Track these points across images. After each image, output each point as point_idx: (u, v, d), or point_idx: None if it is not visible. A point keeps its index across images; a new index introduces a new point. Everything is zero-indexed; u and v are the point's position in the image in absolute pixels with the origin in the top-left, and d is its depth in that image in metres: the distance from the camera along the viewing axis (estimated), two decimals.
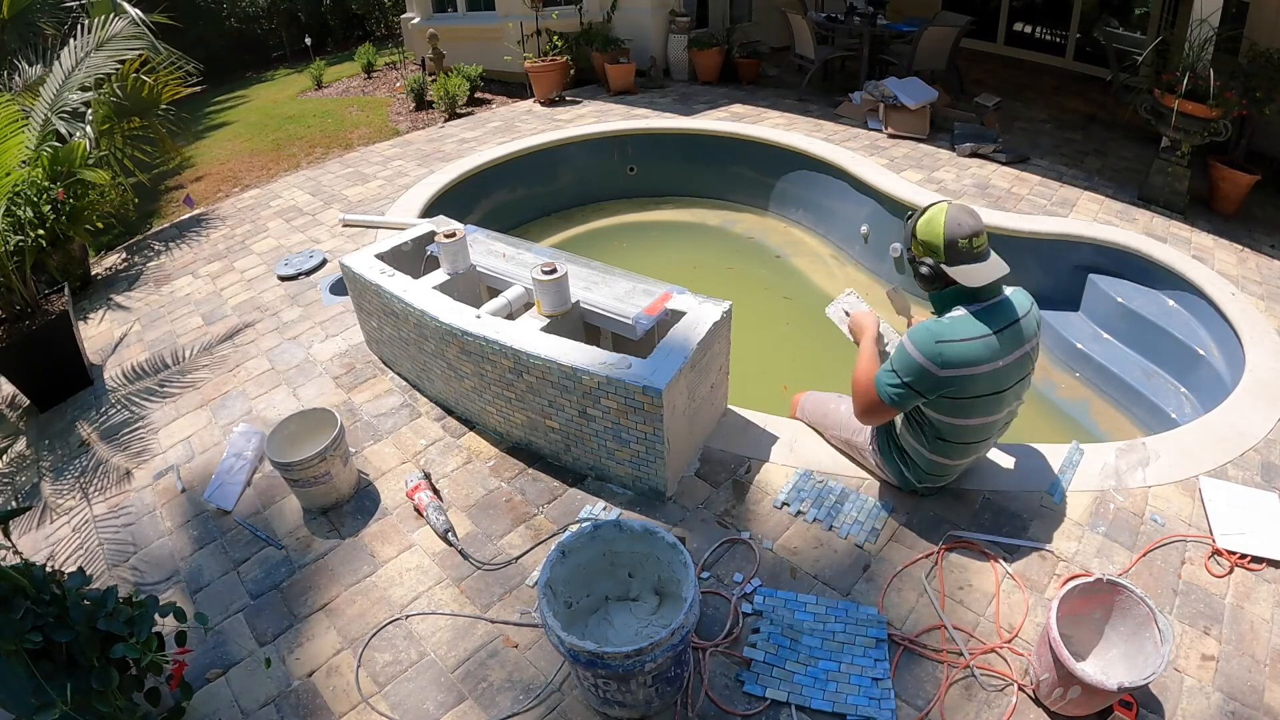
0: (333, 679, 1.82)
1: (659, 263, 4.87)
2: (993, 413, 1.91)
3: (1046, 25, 8.22)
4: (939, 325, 1.82)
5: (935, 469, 2.08)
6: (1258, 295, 3.32)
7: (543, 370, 2.18)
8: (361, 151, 6.08)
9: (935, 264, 1.85)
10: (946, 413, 1.91)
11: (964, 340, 1.79)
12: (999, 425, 2.00)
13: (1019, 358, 1.86)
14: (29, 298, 3.19)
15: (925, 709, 1.65)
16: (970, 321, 1.82)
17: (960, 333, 1.80)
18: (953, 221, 1.81)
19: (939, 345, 1.78)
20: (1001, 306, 1.87)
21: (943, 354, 1.78)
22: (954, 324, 1.82)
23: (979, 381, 1.82)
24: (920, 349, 1.80)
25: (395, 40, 12.23)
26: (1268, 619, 1.83)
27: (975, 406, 1.87)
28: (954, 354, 1.78)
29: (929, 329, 1.82)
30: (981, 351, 1.79)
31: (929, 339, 1.80)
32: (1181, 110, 3.91)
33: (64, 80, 3.73)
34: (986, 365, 1.80)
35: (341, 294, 3.62)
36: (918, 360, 1.80)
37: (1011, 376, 1.87)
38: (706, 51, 7.14)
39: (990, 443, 2.08)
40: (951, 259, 1.82)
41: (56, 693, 1.39)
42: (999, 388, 1.85)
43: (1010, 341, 1.83)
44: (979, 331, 1.80)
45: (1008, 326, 1.83)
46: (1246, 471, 2.30)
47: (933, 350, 1.79)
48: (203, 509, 2.42)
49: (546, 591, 1.59)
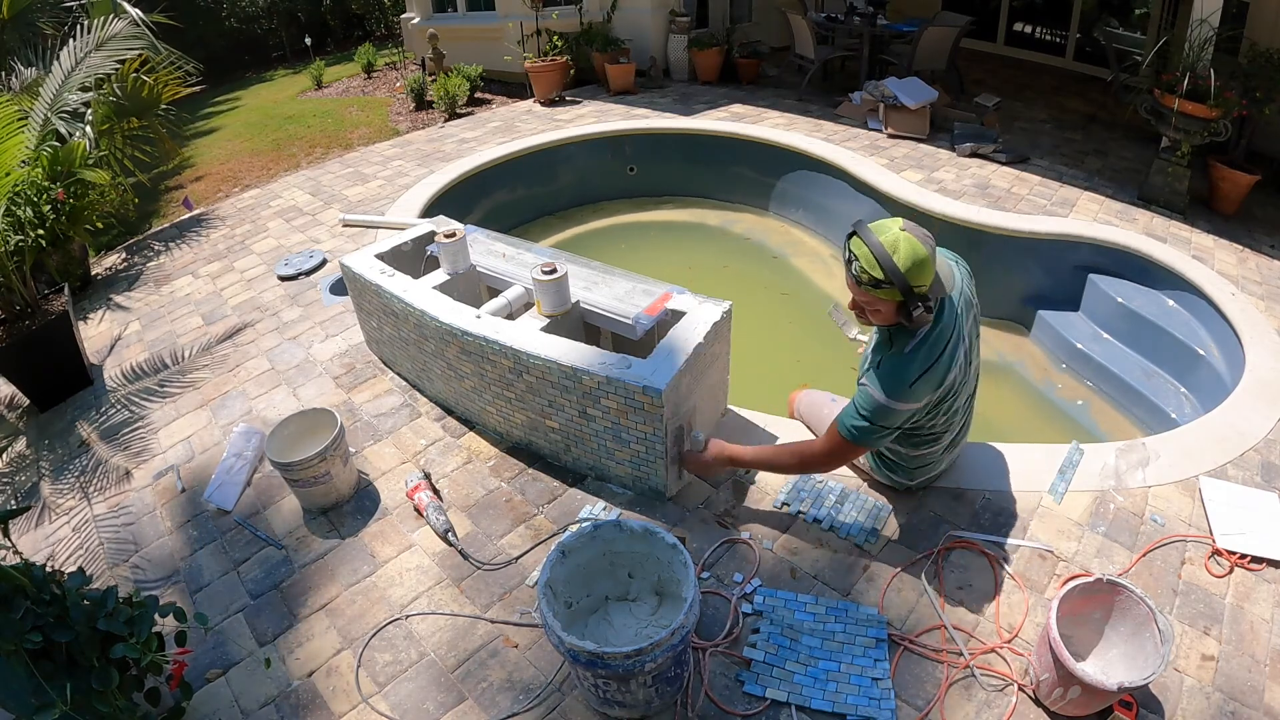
0: (333, 679, 1.82)
1: (659, 263, 4.87)
2: (958, 397, 1.91)
3: (1046, 25, 8.22)
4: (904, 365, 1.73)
5: (920, 462, 2.08)
6: (1258, 295, 3.32)
7: (543, 370, 2.18)
8: (361, 151, 6.08)
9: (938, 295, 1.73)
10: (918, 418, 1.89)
11: (929, 367, 1.73)
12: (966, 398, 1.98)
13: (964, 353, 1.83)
14: (29, 298, 3.19)
15: (925, 709, 1.65)
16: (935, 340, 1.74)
17: (927, 359, 1.73)
18: (922, 237, 1.66)
19: (914, 386, 1.73)
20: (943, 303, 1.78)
21: (917, 389, 1.74)
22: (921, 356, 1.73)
23: (948, 388, 1.81)
24: (894, 396, 1.74)
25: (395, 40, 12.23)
26: (1268, 619, 1.83)
27: (941, 403, 1.86)
28: (929, 382, 1.74)
29: (895, 374, 1.73)
30: (945, 363, 1.75)
31: (900, 385, 1.73)
32: (1181, 110, 3.91)
33: (64, 80, 3.73)
34: (947, 378, 1.78)
35: (341, 294, 3.62)
36: (893, 407, 1.75)
37: (967, 360, 1.87)
38: (706, 51, 7.14)
39: (967, 416, 2.06)
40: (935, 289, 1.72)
41: (56, 693, 1.39)
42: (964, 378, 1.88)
43: (958, 332, 1.78)
44: (939, 347, 1.74)
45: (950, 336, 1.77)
46: (1246, 471, 2.30)
47: (906, 392, 1.73)
48: (203, 509, 2.42)
49: (546, 591, 1.59)
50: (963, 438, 2.16)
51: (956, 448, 2.15)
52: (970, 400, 2.04)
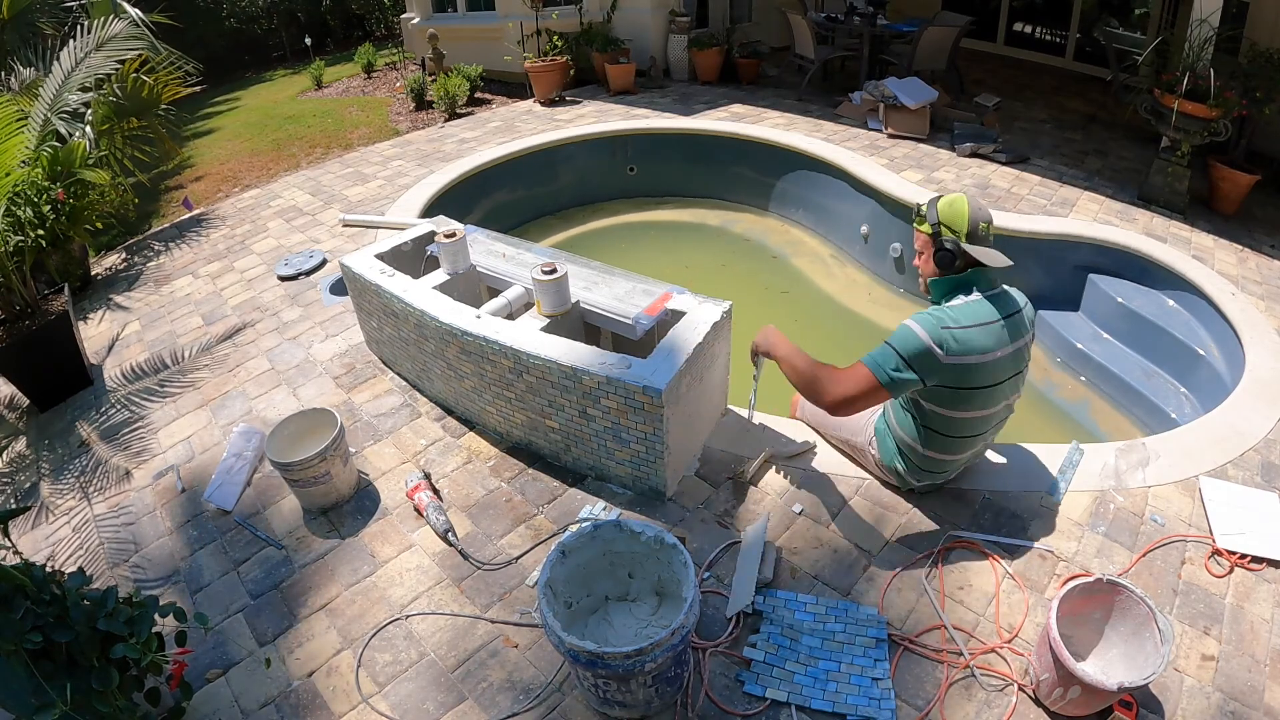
0: (333, 679, 1.82)
1: (659, 263, 4.87)
2: (988, 406, 1.91)
3: (1046, 25, 8.22)
4: (945, 311, 1.84)
5: (931, 465, 2.07)
6: (1258, 295, 3.32)
7: (543, 370, 2.18)
8: (361, 151, 6.08)
9: (956, 241, 1.88)
10: (942, 404, 1.90)
11: (970, 326, 1.81)
12: (994, 421, 2.00)
13: (1016, 350, 1.87)
14: (29, 298, 3.19)
15: (925, 709, 1.65)
16: (979, 305, 1.85)
17: (967, 318, 1.82)
18: (975, 206, 1.90)
19: (945, 331, 1.79)
20: (1004, 297, 1.91)
21: (948, 340, 1.78)
22: (961, 310, 1.84)
23: (978, 372, 1.82)
24: (928, 331, 1.80)
25: (395, 40, 12.23)
26: (1268, 619, 1.83)
27: (972, 398, 1.87)
28: (960, 340, 1.79)
29: (935, 315, 1.83)
30: (985, 339, 1.81)
31: (935, 324, 1.80)
32: (1181, 110, 3.91)
33: (64, 80, 3.73)
34: (988, 355, 1.81)
35: (341, 294, 3.62)
36: (924, 342, 1.79)
37: (1008, 369, 1.88)
38: (706, 51, 7.14)
39: (985, 440, 2.07)
40: (971, 239, 1.88)
41: (56, 693, 1.39)
42: (996, 379, 1.86)
43: (1012, 331, 1.86)
44: (987, 317, 1.83)
45: (1010, 316, 1.87)
46: (1246, 471, 2.30)
47: (940, 335, 1.79)
48: (203, 509, 2.42)
49: (546, 591, 1.59)
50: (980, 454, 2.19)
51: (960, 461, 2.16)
52: (999, 426, 2.05)
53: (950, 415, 1.92)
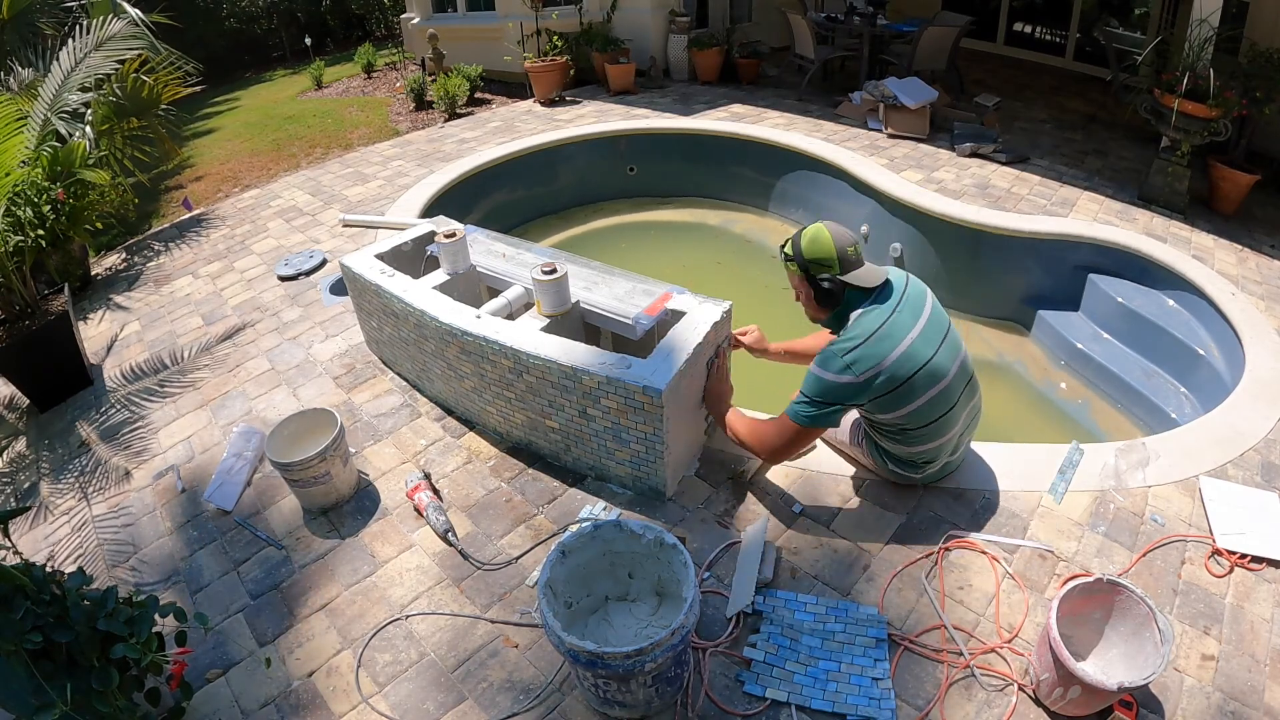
0: (333, 679, 1.82)
1: (659, 262, 4.88)
2: (934, 385, 1.91)
3: (1046, 25, 8.22)
4: (838, 343, 1.91)
5: (921, 457, 2.08)
6: (1258, 295, 3.32)
7: (543, 370, 2.18)
8: (361, 151, 6.08)
9: (833, 276, 1.93)
10: (892, 407, 1.92)
11: (865, 340, 1.86)
12: (957, 392, 1.98)
13: (927, 322, 1.93)
14: (29, 298, 3.19)
15: (925, 709, 1.65)
16: (865, 317, 1.91)
17: (859, 335, 1.88)
18: (836, 232, 1.94)
19: (844, 359, 1.86)
20: (888, 288, 1.96)
21: (852, 365, 1.85)
22: (850, 333, 1.90)
23: (901, 366, 1.85)
24: (830, 370, 1.88)
25: (395, 40, 12.23)
26: (1268, 619, 1.83)
27: (913, 389, 1.89)
28: (862, 357, 1.85)
29: (831, 352, 1.90)
30: (886, 342, 1.86)
31: (834, 358, 1.88)
32: (1181, 110, 3.91)
33: (63, 80, 3.73)
34: (899, 348, 1.86)
35: (341, 294, 3.62)
36: (831, 379, 1.88)
37: (932, 343, 1.91)
38: (706, 51, 7.14)
39: (964, 412, 2.05)
40: (844, 268, 1.92)
41: (56, 693, 1.39)
42: (924, 359, 1.88)
43: (911, 312, 1.92)
44: (877, 322, 1.88)
45: (901, 299, 1.93)
46: (1246, 471, 2.30)
47: (840, 364, 1.87)
48: (202, 509, 2.42)
49: (546, 591, 1.59)
50: (967, 439, 2.18)
51: (959, 450, 2.16)
52: (969, 397, 2.05)
53: (905, 412, 1.93)
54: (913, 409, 1.93)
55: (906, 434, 2.02)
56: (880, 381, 1.86)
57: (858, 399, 1.91)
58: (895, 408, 1.93)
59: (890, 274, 2.00)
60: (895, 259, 4.37)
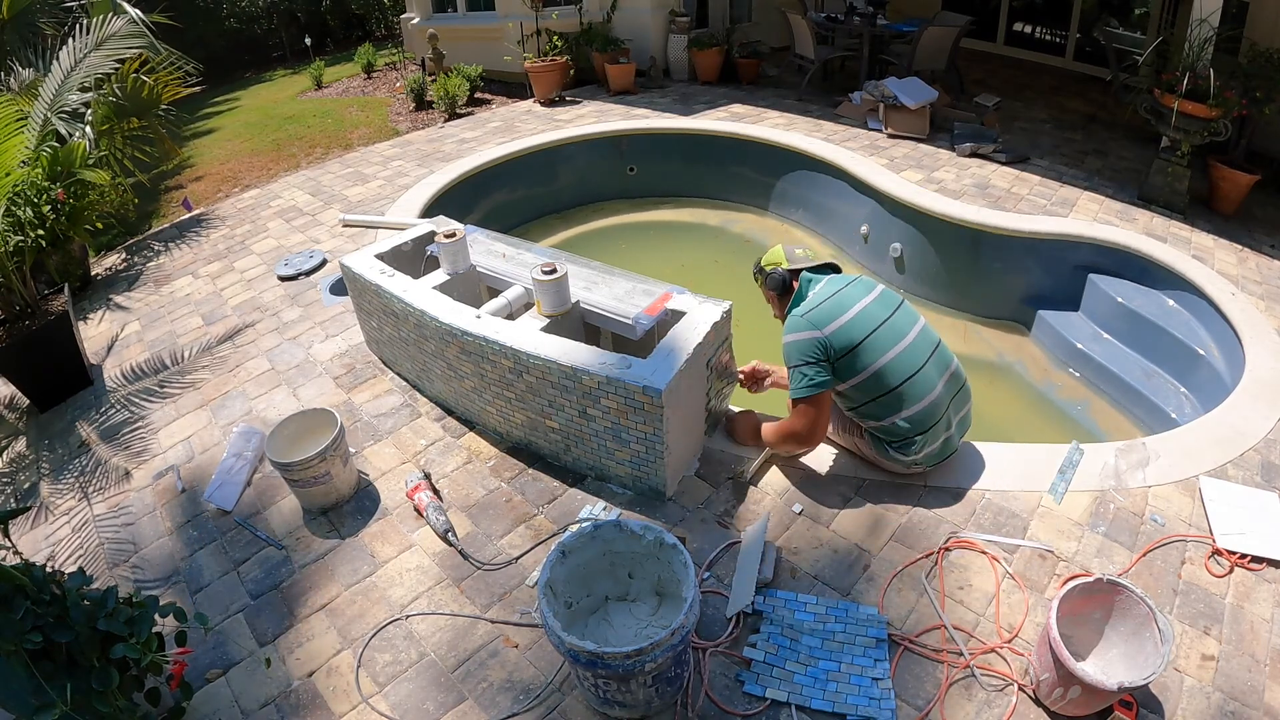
0: (333, 679, 1.82)
1: (659, 262, 4.88)
2: (897, 342, 2.06)
3: (1046, 25, 8.22)
4: (797, 306, 2.14)
5: (905, 432, 2.09)
6: (1258, 295, 3.32)
7: (543, 370, 2.18)
8: (361, 151, 6.08)
9: (783, 270, 2.27)
10: (851, 373, 2.05)
11: (825, 300, 2.09)
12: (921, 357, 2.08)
13: (880, 294, 2.14)
14: (29, 298, 3.19)
15: (925, 709, 1.65)
16: (818, 285, 2.17)
17: (817, 298, 2.11)
18: (786, 246, 2.34)
19: (805, 317, 2.07)
20: (838, 271, 2.28)
21: (813, 320, 2.06)
22: (807, 297, 2.15)
23: (859, 321, 2.05)
24: (797, 330, 2.08)
25: (395, 40, 12.23)
26: (1268, 619, 1.83)
27: (875, 344, 2.03)
28: (823, 313, 2.06)
29: (791, 317, 2.12)
30: (843, 301, 2.09)
31: (796, 320, 2.09)
32: (1181, 110, 3.91)
33: (63, 80, 3.73)
34: (856, 306, 2.08)
35: (341, 294, 3.62)
36: (802, 339, 2.06)
37: (887, 307, 2.12)
38: (706, 51, 7.14)
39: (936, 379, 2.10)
40: (791, 263, 2.29)
41: (56, 693, 1.39)
42: (880, 318, 2.08)
43: (863, 286, 2.16)
44: (833, 289, 2.13)
45: (853, 280, 2.18)
46: (1246, 471, 2.30)
47: (803, 324, 2.07)
48: (203, 509, 2.42)
49: (546, 592, 1.59)
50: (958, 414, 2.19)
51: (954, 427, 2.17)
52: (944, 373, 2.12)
53: (869, 372, 2.04)
54: (879, 366, 2.03)
55: (879, 402, 2.08)
56: (841, 334, 2.03)
57: (829, 355, 2.04)
58: (856, 369, 2.04)
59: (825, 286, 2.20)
60: (895, 258, 4.37)
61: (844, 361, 2.04)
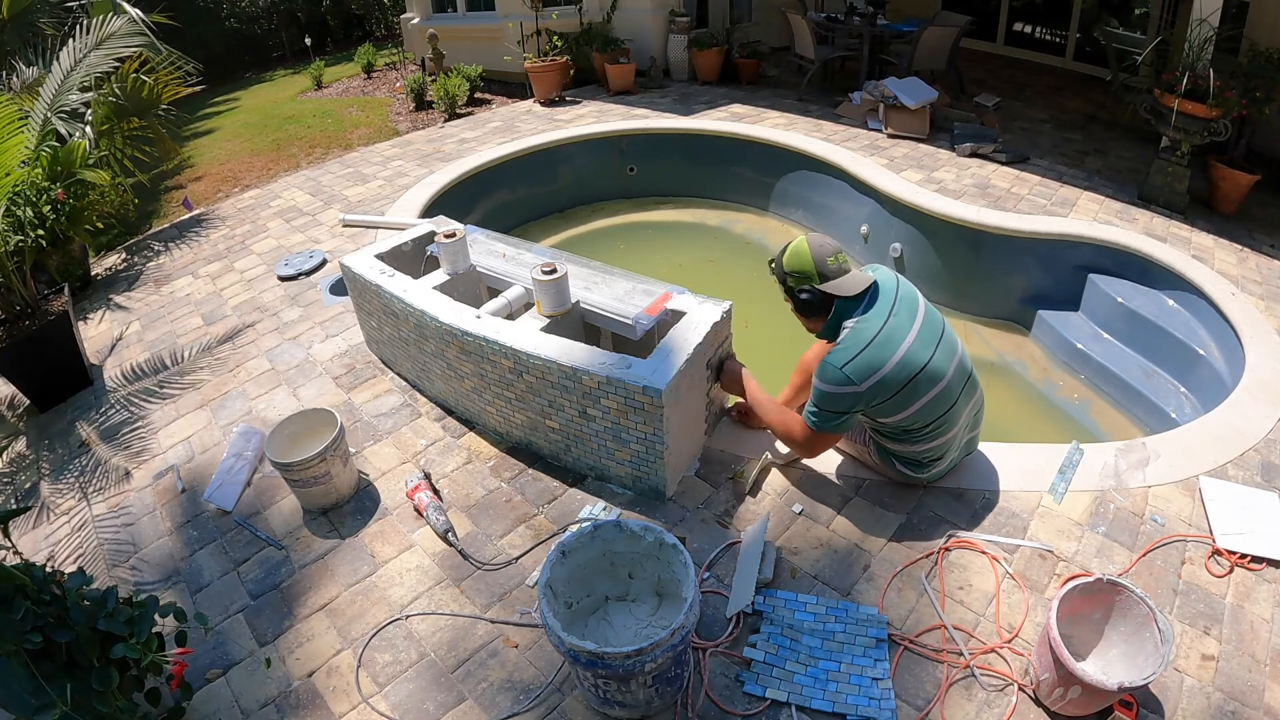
0: (333, 679, 1.82)
1: (659, 262, 4.87)
2: (934, 385, 1.92)
3: (1046, 25, 8.22)
4: (835, 353, 1.90)
5: (927, 455, 2.09)
6: (1258, 295, 3.32)
7: (543, 370, 2.18)
8: (361, 152, 6.08)
9: (813, 288, 1.95)
10: (893, 412, 1.94)
11: (864, 349, 1.86)
12: (957, 390, 1.98)
13: (921, 323, 1.94)
14: (29, 298, 3.19)
15: (925, 709, 1.65)
16: (861, 327, 1.90)
17: (857, 344, 1.87)
18: (815, 243, 1.96)
19: (844, 369, 1.86)
20: (879, 294, 1.95)
21: (852, 373, 1.86)
22: (848, 343, 1.90)
23: (901, 370, 1.86)
24: (832, 382, 1.89)
25: (395, 40, 12.23)
26: (1268, 619, 1.83)
27: (915, 390, 1.90)
28: (862, 366, 1.85)
29: (829, 362, 1.89)
30: (884, 348, 1.87)
31: (833, 371, 1.88)
32: (1181, 110, 3.91)
33: (63, 80, 3.73)
34: (897, 353, 1.87)
35: (341, 294, 3.62)
36: (835, 391, 1.89)
37: (928, 344, 1.92)
38: (706, 51, 7.14)
39: (965, 409, 2.06)
40: (824, 278, 1.94)
41: (56, 693, 1.39)
42: (923, 361, 1.89)
43: (907, 312, 1.93)
44: (873, 330, 1.88)
45: (895, 302, 1.93)
46: (1246, 471, 2.30)
47: (841, 375, 1.87)
48: (203, 509, 2.42)
49: (546, 592, 1.59)
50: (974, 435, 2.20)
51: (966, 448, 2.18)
52: (970, 393, 2.05)
53: (908, 413, 1.94)
54: (914, 410, 1.94)
55: (910, 434, 2.03)
56: (881, 387, 1.87)
57: (861, 405, 1.92)
58: (897, 411, 1.94)
59: (879, 275, 2.00)
60: (895, 258, 4.37)
61: (877, 405, 1.93)
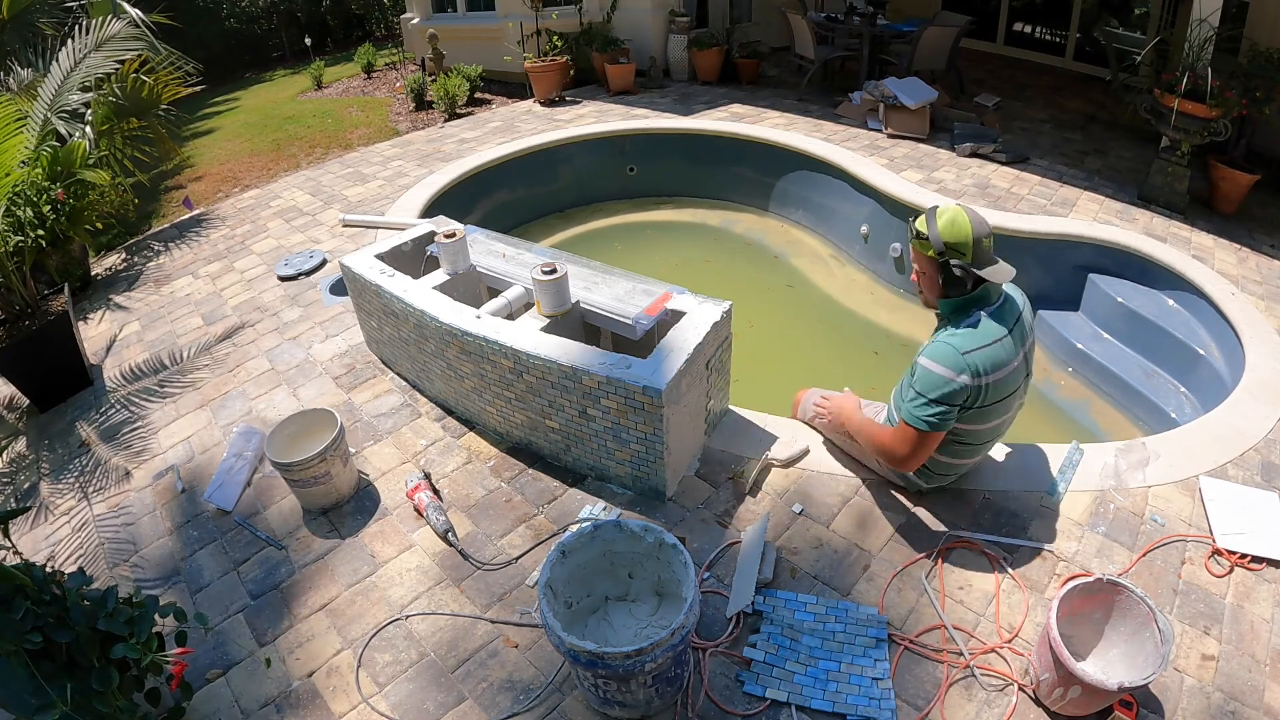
0: (333, 679, 1.82)
1: (658, 262, 4.87)
2: (1007, 411, 1.94)
3: (1046, 25, 8.22)
4: (959, 337, 1.81)
5: (946, 469, 2.10)
6: (1258, 295, 3.32)
7: (543, 370, 2.18)
8: (361, 152, 6.08)
9: (966, 265, 1.81)
10: (970, 420, 1.90)
11: (988, 345, 1.79)
12: (1007, 425, 2.03)
13: (1024, 356, 1.90)
14: (29, 298, 3.19)
15: (925, 709, 1.65)
16: (989, 325, 1.82)
17: (983, 338, 1.79)
18: (975, 221, 1.82)
19: (966, 357, 1.77)
20: (1008, 305, 1.89)
21: (972, 363, 1.77)
22: (974, 332, 1.81)
23: (1000, 385, 1.82)
24: (949, 365, 1.78)
25: (395, 40, 12.23)
26: (1268, 619, 1.83)
27: (993, 410, 1.88)
28: (984, 360, 1.77)
29: (950, 344, 1.80)
30: (1003, 353, 1.80)
31: (954, 354, 1.78)
32: (1181, 110, 3.91)
33: (63, 80, 3.73)
34: (1008, 366, 1.82)
35: (341, 294, 3.62)
36: (948, 377, 1.78)
37: (1020, 375, 1.90)
38: (706, 51, 7.14)
39: (997, 441, 2.12)
40: (978, 260, 1.81)
41: (56, 693, 1.39)
42: (1013, 388, 1.88)
43: (1018, 339, 1.86)
44: (998, 333, 1.81)
45: (1014, 325, 1.86)
46: (1246, 471, 2.30)
47: (961, 363, 1.77)
48: (203, 509, 2.42)
49: (546, 592, 1.59)
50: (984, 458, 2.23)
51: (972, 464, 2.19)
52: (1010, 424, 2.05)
53: (975, 429, 1.93)
54: (981, 428, 1.94)
55: (956, 447, 2.00)
56: (992, 389, 1.80)
57: (974, 402, 1.81)
58: (969, 422, 1.89)
59: (1012, 294, 1.93)
60: (895, 259, 4.37)
61: (966, 411, 1.84)
